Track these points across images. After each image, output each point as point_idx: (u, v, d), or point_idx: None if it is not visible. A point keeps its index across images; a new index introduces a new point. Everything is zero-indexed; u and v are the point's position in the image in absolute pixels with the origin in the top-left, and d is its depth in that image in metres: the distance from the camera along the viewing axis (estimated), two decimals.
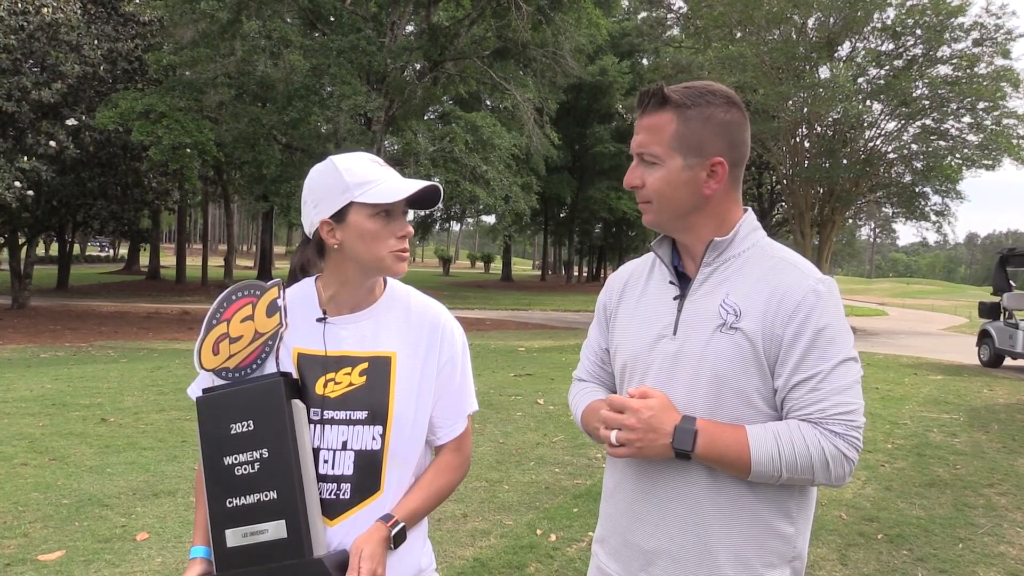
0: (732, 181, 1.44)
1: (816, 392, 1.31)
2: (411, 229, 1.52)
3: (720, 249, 1.43)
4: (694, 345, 1.39)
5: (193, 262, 42.93)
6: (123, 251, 59.40)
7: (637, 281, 1.57)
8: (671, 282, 1.48)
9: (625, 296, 1.58)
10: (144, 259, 44.97)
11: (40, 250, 37.93)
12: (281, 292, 1.55)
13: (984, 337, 15.11)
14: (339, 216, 1.49)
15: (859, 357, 1.37)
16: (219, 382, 1.54)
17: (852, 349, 1.35)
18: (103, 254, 66.40)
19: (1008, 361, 14.56)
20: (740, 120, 1.42)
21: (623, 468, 1.51)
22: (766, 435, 1.31)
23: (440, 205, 1.65)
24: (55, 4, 16.58)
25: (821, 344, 1.32)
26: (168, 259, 45.27)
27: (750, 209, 1.50)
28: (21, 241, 21.84)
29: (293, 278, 1.64)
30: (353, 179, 1.48)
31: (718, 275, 1.42)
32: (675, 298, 1.46)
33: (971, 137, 22.61)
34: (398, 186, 1.48)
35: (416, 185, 1.48)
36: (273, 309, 1.53)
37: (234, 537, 1.44)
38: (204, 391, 1.54)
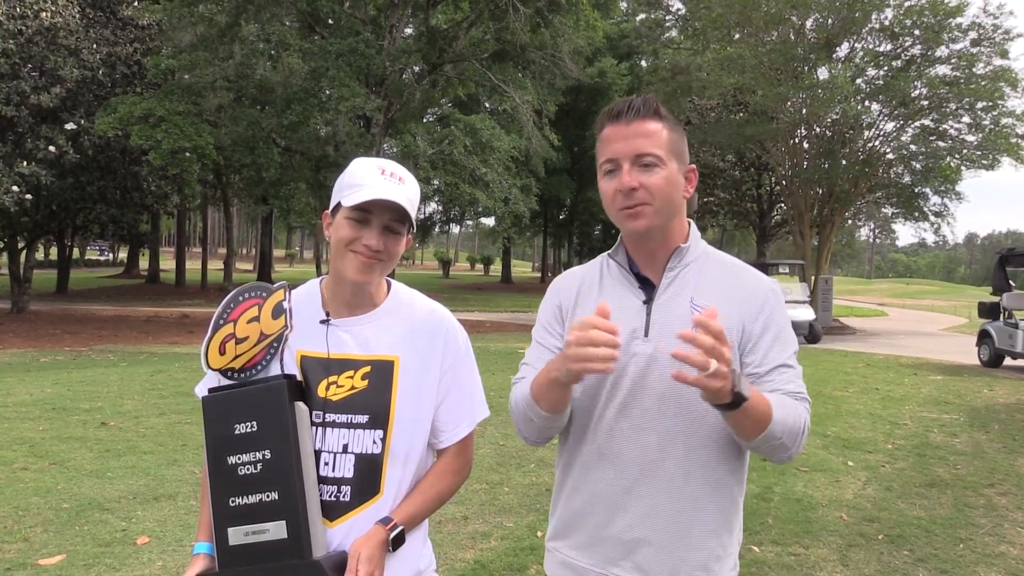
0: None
1: (786, 374, 1.48)
2: (376, 242, 1.49)
3: (682, 255, 1.54)
4: (671, 346, 1.42)
5: (193, 266, 42.92)
6: (122, 255, 59.35)
7: (591, 286, 1.61)
8: (640, 287, 1.55)
9: (581, 300, 1.60)
10: (144, 263, 44.94)
11: (40, 254, 37.92)
12: (287, 294, 1.56)
13: (984, 337, 15.10)
14: (334, 212, 1.54)
15: None
16: (225, 382, 1.55)
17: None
18: (102, 258, 66.35)
19: (1008, 361, 14.55)
20: None
21: (593, 464, 1.53)
22: (779, 402, 1.42)
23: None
24: (54, 8, 16.59)
25: (783, 336, 1.51)
26: (168, 263, 45.26)
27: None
28: (20, 245, 21.84)
29: None
30: (349, 180, 1.52)
31: (680, 279, 1.53)
32: (644, 302, 1.52)
33: (970, 137, 22.61)
34: (366, 194, 1.47)
35: (372, 195, 1.46)
36: (279, 311, 1.54)
37: (236, 536, 1.46)
38: (210, 390, 1.56)
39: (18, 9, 16.12)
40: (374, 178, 1.50)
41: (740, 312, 1.49)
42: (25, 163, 16.27)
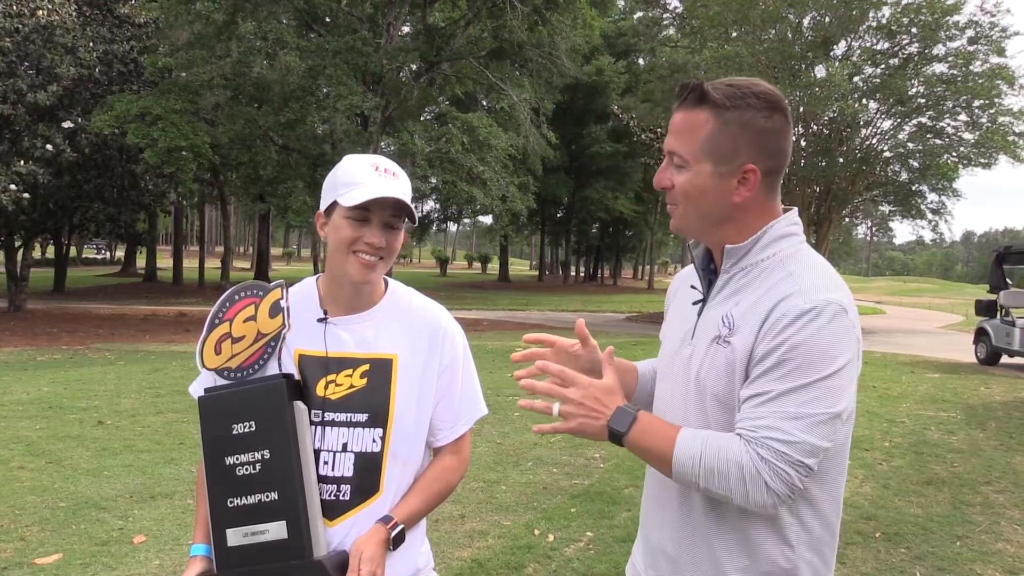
0: (766, 189, 1.36)
1: (758, 410, 1.23)
2: (378, 240, 1.48)
3: (735, 257, 1.36)
4: (698, 354, 1.38)
5: (190, 264, 42.90)
6: (120, 253, 59.24)
7: (686, 284, 1.56)
8: (692, 287, 1.49)
9: (675, 298, 1.59)
10: (141, 261, 44.87)
11: (36, 253, 37.82)
12: (284, 293, 1.55)
13: (981, 335, 15.14)
14: (328, 212, 1.53)
15: (840, 391, 1.22)
16: (221, 382, 1.54)
17: (827, 379, 1.21)
18: (100, 257, 66.16)
19: (1005, 359, 14.58)
20: (781, 127, 1.34)
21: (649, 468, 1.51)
22: (695, 438, 1.27)
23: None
24: (50, 7, 16.54)
25: (787, 365, 1.22)
26: (165, 261, 45.23)
27: (785, 217, 1.40)
28: (17, 244, 21.80)
29: None
30: (344, 178, 1.49)
31: (733, 284, 1.37)
32: (694, 303, 1.45)
33: (967, 135, 22.62)
34: (366, 192, 1.45)
35: (373, 193, 1.44)
36: (276, 310, 1.53)
37: (235, 537, 1.45)
38: (206, 391, 1.54)
39: (15, 7, 16.07)
40: (369, 175, 1.48)
41: (754, 332, 1.27)
42: (22, 161, 16.24)
